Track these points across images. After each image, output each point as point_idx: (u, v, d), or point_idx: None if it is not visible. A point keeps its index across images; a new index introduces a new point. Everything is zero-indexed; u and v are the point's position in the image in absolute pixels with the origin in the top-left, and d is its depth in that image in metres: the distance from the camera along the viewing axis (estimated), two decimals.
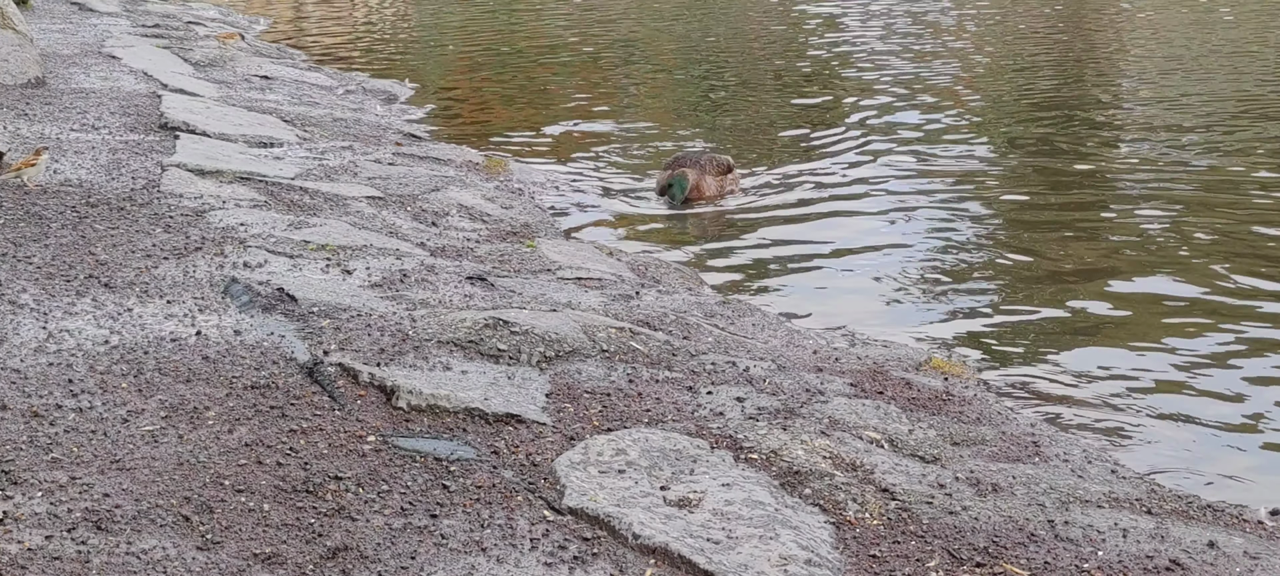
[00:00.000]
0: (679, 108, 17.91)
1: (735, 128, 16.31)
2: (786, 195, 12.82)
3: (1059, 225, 11.69)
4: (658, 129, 16.25)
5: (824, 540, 5.31)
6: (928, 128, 16.01)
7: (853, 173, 13.65)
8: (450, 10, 29.03)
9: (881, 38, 23.84)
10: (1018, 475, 6.28)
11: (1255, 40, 23.88)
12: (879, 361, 7.99)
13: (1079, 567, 5.39)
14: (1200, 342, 8.88)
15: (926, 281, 10.23)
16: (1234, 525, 6.16)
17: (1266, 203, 12.51)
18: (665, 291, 9.09)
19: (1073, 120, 16.49)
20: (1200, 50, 22.94)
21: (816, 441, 6.17)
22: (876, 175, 13.52)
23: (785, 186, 13.18)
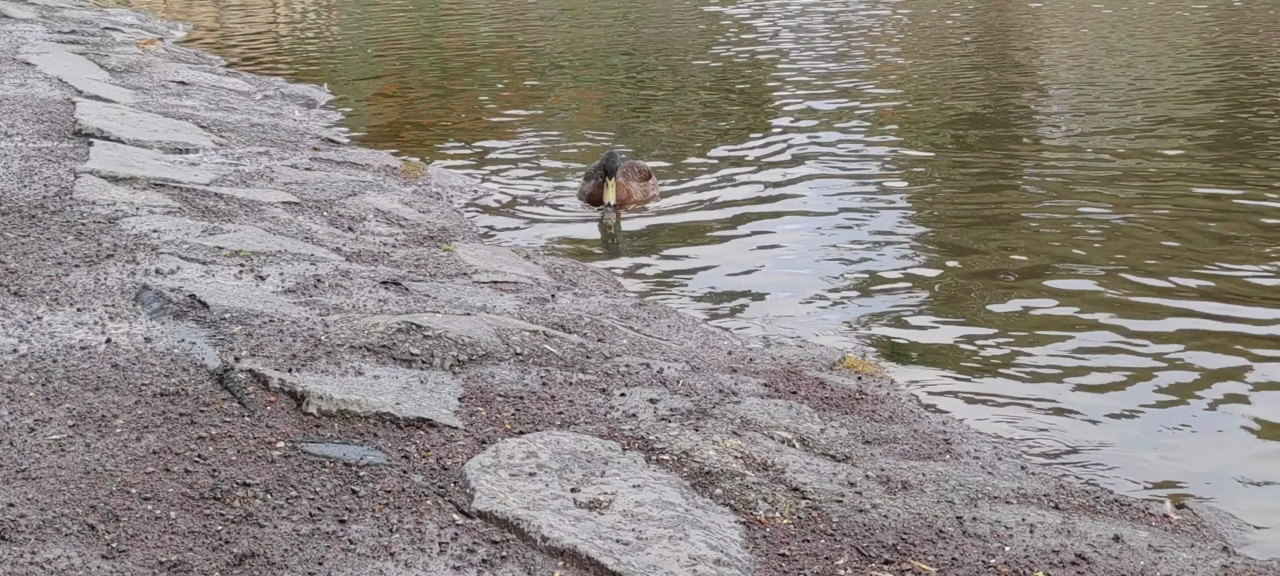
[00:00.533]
0: (601, 112, 17.91)
1: (657, 131, 16.33)
2: (706, 197, 12.85)
3: (976, 224, 11.78)
4: (579, 133, 16.26)
5: (734, 540, 5.34)
6: (847, 129, 16.09)
7: (772, 175, 13.70)
8: (373, 14, 28.92)
9: (799, 39, 23.94)
10: (928, 472, 6.34)
11: (1172, 29, 24.15)
12: (793, 361, 8.03)
13: (986, 563, 5.44)
14: (1111, 340, 8.98)
15: (843, 282, 10.29)
16: (1140, 519, 6.24)
17: (1182, 198, 12.67)
18: (581, 294, 9.10)
19: (990, 118, 16.62)
20: (1118, 42, 23.19)
21: (728, 441, 6.20)
22: (796, 177, 13.58)
23: (705, 189, 13.21)
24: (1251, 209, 12.32)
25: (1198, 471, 7.13)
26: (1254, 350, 8.72)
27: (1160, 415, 7.86)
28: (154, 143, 12.28)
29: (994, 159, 14.56)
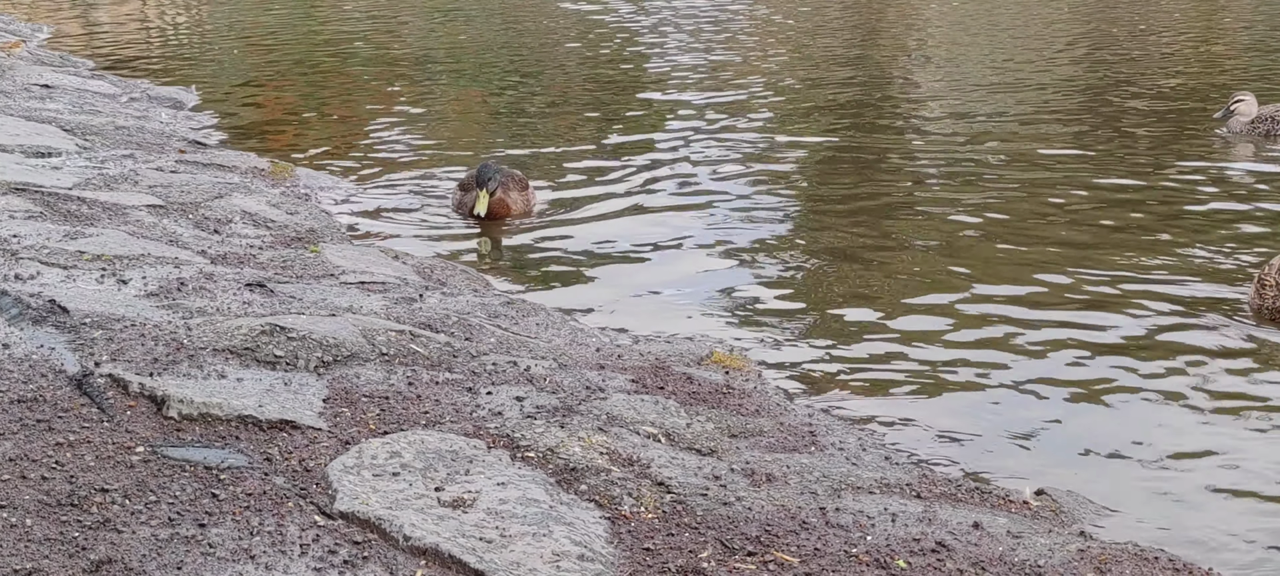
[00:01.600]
0: (478, 110, 17.87)
1: (533, 128, 16.31)
2: (580, 194, 12.87)
3: (848, 219, 11.90)
4: (454, 132, 16.20)
5: (598, 535, 5.35)
6: (721, 126, 16.17)
7: (647, 172, 13.73)
8: (246, 15, 28.61)
9: (675, 35, 24.02)
10: (793, 464, 6.39)
11: (1044, 24, 24.53)
12: (661, 357, 8.07)
13: (848, 553, 5.50)
14: (977, 332, 9.11)
15: (715, 277, 10.35)
16: (1000, 506, 6.34)
17: (1051, 191, 12.88)
18: (450, 293, 9.08)
19: (866, 116, 16.78)
20: (994, 36, 23.52)
21: (594, 438, 6.21)
22: (670, 174, 13.61)
23: (580, 186, 13.23)
24: (1117, 200, 12.55)
25: (1057, 459, 7.26)
26: (1112, 342, 8.88)
27: (1022, 405, 7.99)
28: (15, 147, 12.06)
29: (868, 153, 14.71)
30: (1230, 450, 7.28)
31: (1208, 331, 8.95)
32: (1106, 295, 9.74)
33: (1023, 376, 8.37)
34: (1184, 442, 7.40)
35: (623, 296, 9.89)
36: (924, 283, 10.08)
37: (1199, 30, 25.33)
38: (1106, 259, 10.54)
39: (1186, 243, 11.03)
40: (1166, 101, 17.74)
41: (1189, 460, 7.19)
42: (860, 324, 9.27)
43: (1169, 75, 20.05)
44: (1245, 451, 7.24)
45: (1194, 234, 11.35)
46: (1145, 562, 5.81)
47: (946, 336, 9.00)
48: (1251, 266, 10.15)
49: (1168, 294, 9.72)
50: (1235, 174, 13.70)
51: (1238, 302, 9.47)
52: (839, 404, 7.86)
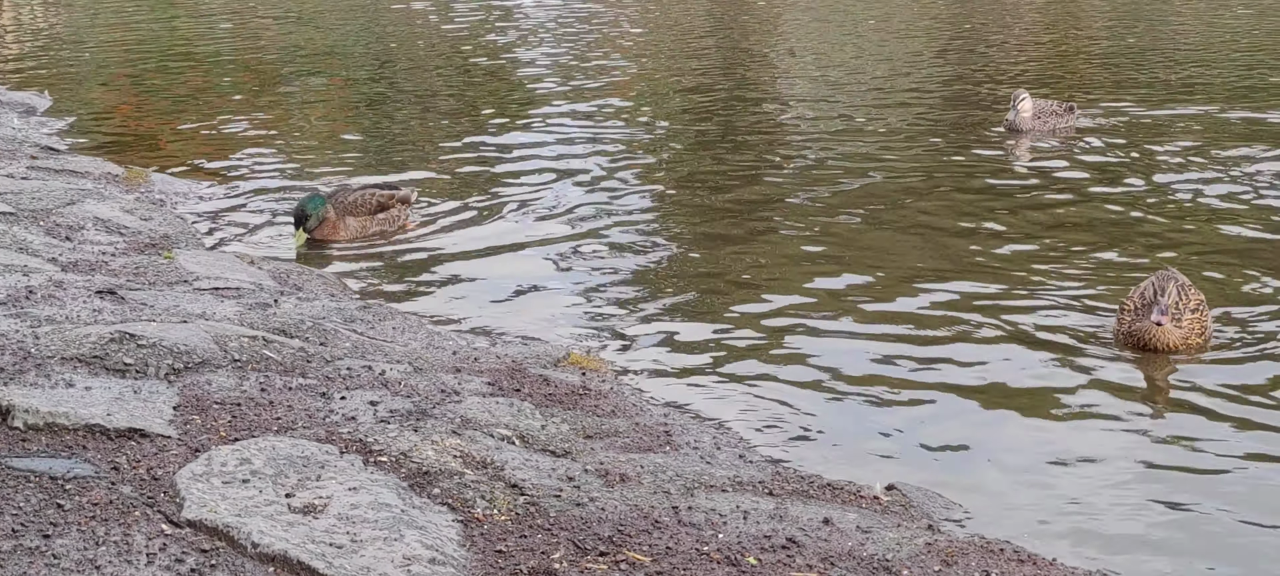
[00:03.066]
0: (341, 115, 17.73)
1: (396, 136, 16.21)
2: (442, 198, 12.82)
3: (710, 221, 11.99)
4: (317, 137, 16.08)
5: (451, 538, 5.35)
6: (585, 129, 16.19)
7: (511, 176, 13.72)
8: (102, 17, 28.15)
9: (543, 38, 24.01)
10: (647, 464, 6.44)
11: (904, 29, 24.83)
12: (518, 359, 8.08)
13: (699, 551, 5.55)
14: (836, 330, 9.22)
15: (576, 279, 10.37)
16: (851, 502, 6.43)
17: (914, 188, 13.04)
18: (306, 298, 9.02)
19: (728, 117, 16.87)
20: (855, 39, 23.77)
21: (448, 441, 6.21)
22: (533, 180, 13.59)
23: (441, 190, 13.19)
24: (979, 194, 12.75)
25: (910, 455, 7.39)
26: (968, 342, 9.00)
27: (878, 403, 8.10)
28: None
29: (730, 154, 14.81)
30: (1072, 448, 7.42)
31: (1061, 334, 9.09)
32: (965, 296, 9.88)
33: (879, 374, 8.48)
34: (1031, 441, 7.54)
35: (482, 299, 9.89)
36: (783, 283, 10.19)
37: (1062, 29, 25.79)
38: (967, 258, 10.68)
39: (1047, 240, 11.23)
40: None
41: (1035, 457, 7.32)
42: (719, 324, 9.35)
43: (1024, 69, 20.38)
44: (1086, 450, 7.38)
45: (1050, 231, 11.56)
46: (991, 554, 5.92)
47: (804, 335, 9.10)
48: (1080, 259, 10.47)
49: (1025, 297, 9.86)
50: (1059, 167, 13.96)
51: (1095, 305, 9.66)
52: (696, 403, 7.92)
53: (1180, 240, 11.22)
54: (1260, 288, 9.94)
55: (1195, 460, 7.26)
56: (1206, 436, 7.49)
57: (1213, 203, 12.44)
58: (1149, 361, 8.53)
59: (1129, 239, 11.22)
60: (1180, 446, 7.43)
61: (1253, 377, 8.27)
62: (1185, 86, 18.77)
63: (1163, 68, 20.59)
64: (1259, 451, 7.28)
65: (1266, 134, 15.37)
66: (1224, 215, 12.04)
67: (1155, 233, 11.48)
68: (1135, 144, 14.92)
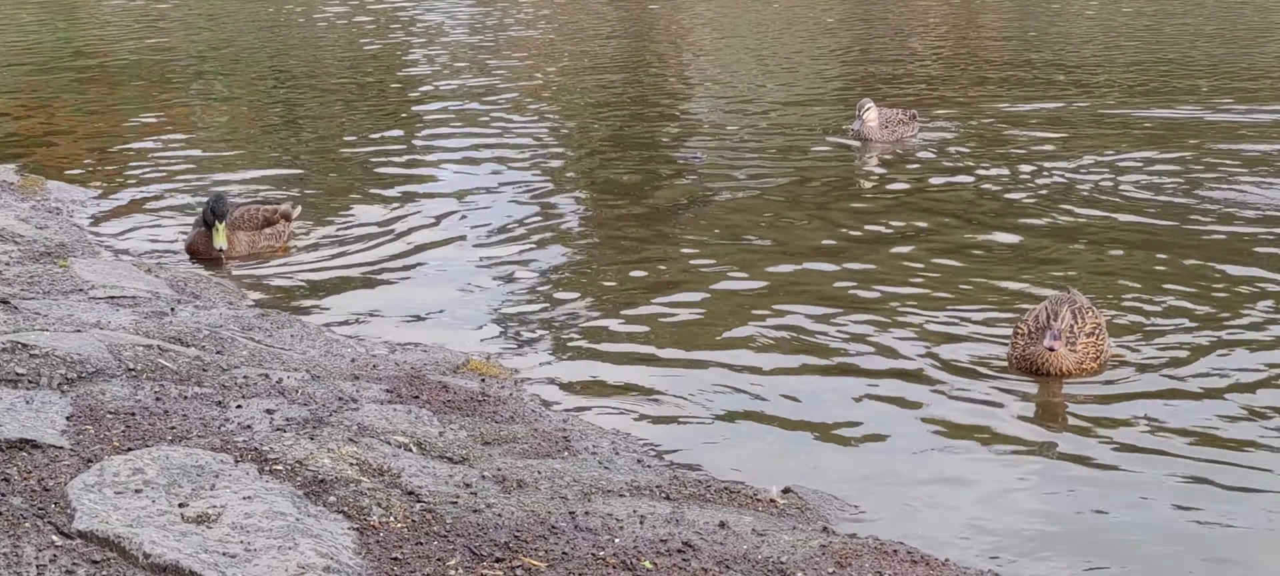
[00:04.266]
0: (246, 121, 17.59)
1: (300, 142, 16.10)
2: (347, 205, 12.76)
3: (611, 228, 12.01)
4: (215, 146, 15.94)
5: (346, 546, 5.34)
6: (491, 136, 16.14)
7: (415, 184, 13.66)
8: (1, 21, 27.77)
9: (448, 45, 23.94)
10: (544, 470, 6.45)
11: (810, 35, 24.96)
12: (417, 366, 8.07)
13: (595, 556, 5.58)
14: (736, 335, 9.27)
15: (476, 288, 10.36)
16: (747, 505, 6.48)
17: (818, 192, 13.11)
18: (203, 306, 8.96)
19: (633, 128, 16.86)
20: (760, 45, 23.88)
21: (344, 449, 6.19)
22: (438, 186, 13.53)
23: (346, 196, 13.13)
24: (880, 198, 12.87)
25: (808, 459, 7.44)
26: (862, 351, 9.06)
27: (777, 407, 8.16)
28: None
29: (634, 165, 14.83)
30: (967, 456, 7.50)
31: (958, 346, 9.14)
32: (865, 305, 9.94)
33: (779, 381, 8.53)
34: (927, 448, 7.60)
35: (383, 307, 9.86)
36: (684, 290, 10.23)
37: (960, 30, 26.04)
38: (866, 269, 10.70)
39: (948, 249, 11.33)
40: (924, 93, 18.15)
41: (930, 463, 7.39)
42: (620, 329, 9.38)
43: (927, 70, 20.56)
44: (979, 458, 7.46)
45: (948, 237, 11.69)
46: (884, 555, 5.99)
47: (705, 340, 9.14)
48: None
49: (923, 307, 9.92)
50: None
51: (991, 321, 9.76)
52: (595, 409, 7.95)
53: (1068, 257, 11.30)
54: (1156, 303, 10.03)
55: (1084, 472, 7.34)
56: (1096, 451, 7.57)
57: (1097, 213, 12.52)
58: (1043, 379, 8.50)
59: (1021, 259, 11.21)
60: (1070, 459, 7.51)
61: (1142, 395, 8.30)
62: (1079, 86, 18.98)
63: (1057, 70, 20.82)
64: (1145, 464, 7.36)
65: (1158, 138, 15.59)
66: (1108, 228, 12.16)
67: (1043, 248, 11.53)
68: (1011, 155, 14.98)
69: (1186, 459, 7.40)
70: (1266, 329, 9.34)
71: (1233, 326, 9.38)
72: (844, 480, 7.12)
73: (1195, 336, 9.21)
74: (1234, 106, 17.51)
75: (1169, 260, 10.91)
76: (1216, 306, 9.82)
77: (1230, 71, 20.82)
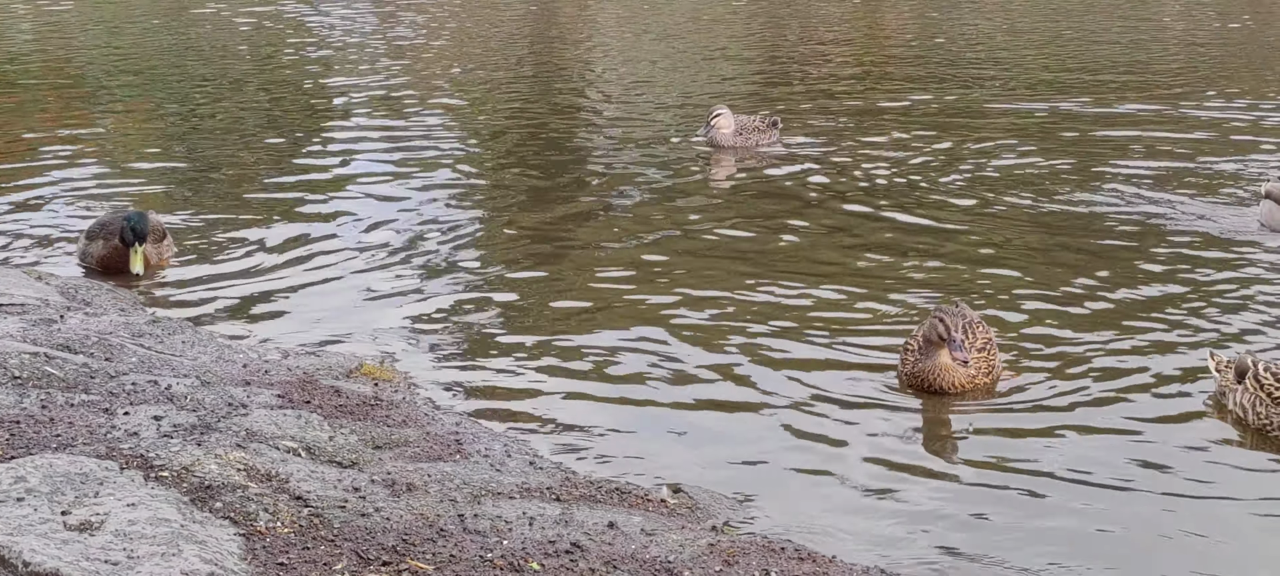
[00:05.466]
0: (143, 126, 17.37)
1: (201, 148, 15.91)
2: (247, 210, 12.65)
3: (509, 236, 11.97)
4: (115, 150, 15.75)
5: (231, 552, 5.32)
6: (397, 140, 16.05)
7: (317, 189, 13.53)
8: None
9: (350, 50, 23.79)
10: (435, 473, 6.46)
11: (711, 22, 25.03)
12: (310, 371, 8.04)
13: (483, 558, 5.60)
14: (631, 337, 9.30)
15: (373, 293, 10.31)
16: (637, 505, 6.53)
17: (710, 210, 13.14)
18: (94, 314, 8.88)
19: (536, 136, 16.81)
20: (667, 37, 23.93)
21: (232, 454, 6.17)
22: (338, 196, 13.37)
23: (246, 201, 13.03)
24: (789, 200, 12.94)
25: (700, 459, 7.49)
26: (751, 352, 9.09)
27: (670, 408, 8.20)
28: None
29: (534, 172, 14.82)
30: (856, 458, 7.56)
31: (848, 349, 9.19)
32: (758, 306, 10.00)
33: (673, 384, 8.58)
34: (817, 451, 7.64)
35: (278, 312, 9.81)
36: (581, 295, 10.26)
37: (863, 31, 26.21)
38: (762, 274, 10.73)
39: (850, 257, 11.38)
40: (839, 96, 18.24)
41: (820, 466, 7.44)
42: (516, 334, 9.39)
43: (836, 70, 20.68)
44: (869, 460, 7.52)
45: (849, 242, 11.79)
46: (772, 553, 6.06)
47: (601, 346, 9.16)
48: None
49: (810, 312, 9.97)
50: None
51: (886, 314, 9.84)
52: (489, 412, 7.96)
53: (949, 264, 11.25)
54: (1039, 310, 10.15)
55: (971, 473, 7.43)
56: (982, 454, 7.65)
57: (979, 219, 12.61)
58: (936, 396, 8.39)
59: (902, 266, 11.17)
60: (957, 462, 7.61)
61: (1030, 406, 8.36)
62: (970, 83, 19.18)
63: (952, 67, 21.01)
64: (1031, 467, 7.44)
65: (1040, 136, 15.80)
66: (989, 233, 12.24)
67: (922, 250, 11.59)
68: (887, 157, 15.05)
69: (1073, 462, 7.48)
70: (1149, 334, 9.42)
71: (1118, 331, 9.47)
72: (735, 480, 7.18)
73: (1078, 338, 9.34)
74: (1125, 105, 17.76)
75: (1047, 267, 10.97)
76: (1102, 312, 9.94)
77: (1126, 69, 21.11)
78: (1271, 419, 7.78)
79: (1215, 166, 14.39)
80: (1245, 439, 7.89)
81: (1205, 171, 14.19)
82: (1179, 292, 10.31)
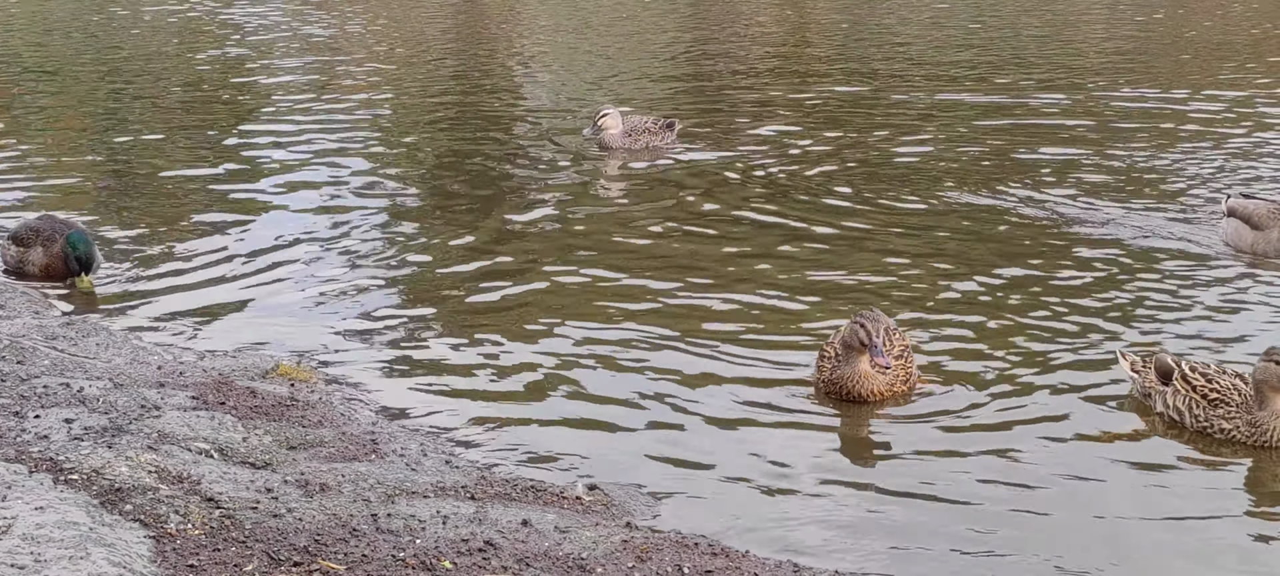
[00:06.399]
0: (70, 125, 17.18)
1: (125, 148, 15.76)
2: (169, 210, 12.55)
3: (427, 236, 11.91)
4: (38, 149, 15.56)
5: (141, 555, 5.31)
6: (321, 141, 15.91)
7: (239, 197, 13.35)
8: None
9: (276, 48, 23.63)
10: (349, 473, 6.46)
11: (638, 21, 25.03)
12: (226, 372, 8.01)
13: (395, 557, 5.61)
14: (550, 335, 9.28)
15: (292, 294, 10.24)
16: (553, 503, 6.55)
17: (654, 192, 13.12)
18: (6, 316, 8.82)
19: (469, 127, 16.73)
20: (589, 34, 23.92)
21: (143, 457, 6.15)
22: (261, 198, 13.21)
23: (169, 202, 12.93)
24: (724, 201, 12.93)
25: (616, 458, 7.49)
26: (667, 352, 9.05)
27: (586, 409, 8.18)
28: None
29: (455, 173, 14.75)
30: (763, 453, 7.57)
31: (762, 349, 9.18)
32: (675, 308, 9.96)
33: (591, 382, 8.57)
34: (732, 450, 7.63)
35: (195, 313, 9.72)
36: (500, 294, 10.21)
37: (790, 26, 26.27)
38: (687, 273, 10.71)
39: (757, 259, 11.35)
40: (763, 88, 18.27)
41: (736, 465, 7.43)
42: (435, 335, 9.37)
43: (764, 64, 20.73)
44: (783, 460, 7.51)
45: (750, 243, 11.81)
46: (685, 549, 6.10)
47: (520, 345, 9.14)
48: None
49: (727, 314, 9.93)
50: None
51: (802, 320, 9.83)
52: (407, 411, 7.94)
53: (858, 266, 11.24)
54: (954, 313, 10.10)
55: (884, 470, 7.48)
56: (892, 449, 7.73)
57: (886, 219, 12.57)
58: (853, 404, 8.29)
59: (813, 265, 11.09)
60: (871, 459, 7.69)
61: (939, 410, 8.34)
62: (893, 75, 19.23)
63: (877, 60, 21.07)
64: (942, 465, 7.48)
65: (957, 127, 15.87)
66: (897, 235, 12.07)
67: (831, 250, 11.51)
68: (797, 156, 15.06)
69: (981, 461, 7.53)
70: (1066, 335, 9.39)
71: (1033, 332, 9.43)
72: (651, 478, 7.19)
73: (993, 339, 9.36)
74: (1044, 98, 17.84)
75: (961, 267, 10.93)
76: (1017, 311, 9.91)
77: (1046, 63, 21.25)
78: (1211, 420, 7.77)
79: (1132, 160, 14.44)
80: (1170, 435, 7.87)
81: (1120, 165, 14.24)
82: (1097, 290, 10.29)
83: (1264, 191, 12.41)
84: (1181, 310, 9.93)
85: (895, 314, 9.52)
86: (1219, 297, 10.17)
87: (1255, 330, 9.48)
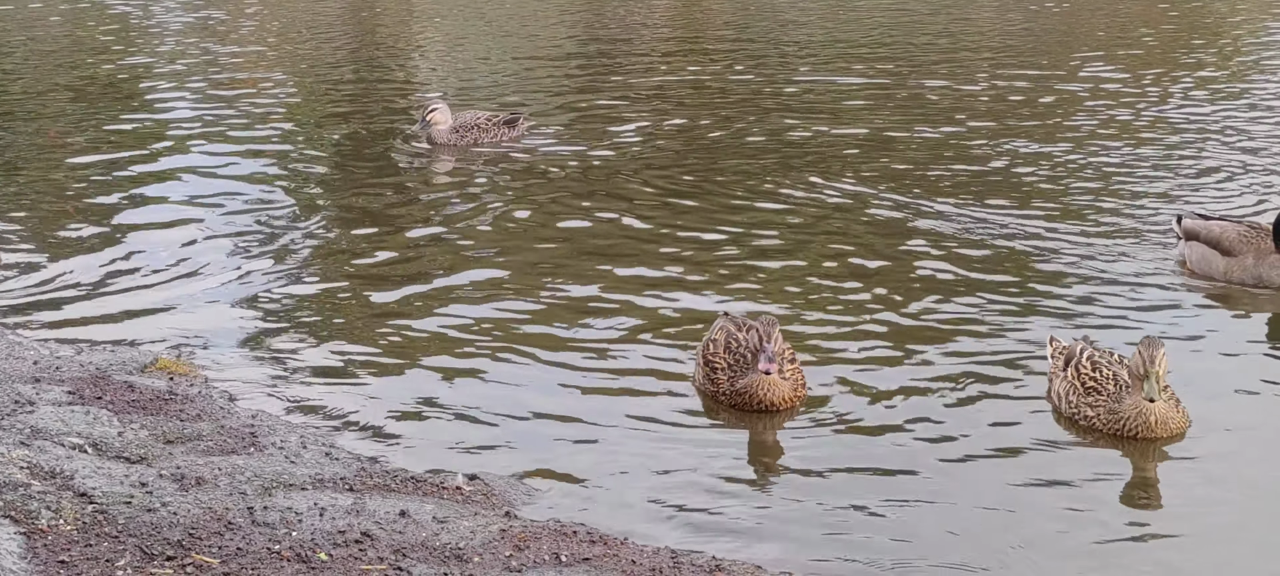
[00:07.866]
0: None
1: (10, 149, 15.52)
2: (49, 216, 12.35)
3: (319, 231, 11.78)
4: None
5: (11, 551, 5.26)
6: (223, 134, 15.72)
7: (126, 193, 13.12)
8: None
9: (182, 43, 23.31)
10: (226, 466, 6.43)
11: (544, 32, 24.98)
12: (103, 366, 7.93)
13: (270, 550, 5.59)
14: (431, 334, 9.23)
15: (175, 288, 10.11)
16: (432, 493, 6.55)
17: (562, 190, 13.06)
18: None
19: (366, 120, 16.59)
20: (487, 30, 23.83)
21: (15, 453, 6.09)
22: (148, 194, 12.99)
23: (57, 195, 12.75)
24: (625, 203, 12.93)
25: (497, 449, 7.50)
26: (551, 344, 9.02)
27: (468, 401, 8.15)
28: None
29: (351, 166, 14.60)
30: (651, 445, 7.60)
31: (647, 343, 9.17)
32: (558, 302, 9.93)
33: (472, 373, 8.57)
34: (615, 441, 7.65)
35: (73, 307, 9.59)
36: (389, 286, 10.16)
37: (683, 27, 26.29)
38: (564, 264, 10.71)
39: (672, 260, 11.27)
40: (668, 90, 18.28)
41: (618, 455, 7.47)
42: (318, 328, 9.33)
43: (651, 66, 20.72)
44: (667, 449, 7.55)
45: (634, 239, 11.82)
46: (564, 537, 6.13)
47: (405, 337, 9.12)
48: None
49: (618, 307, 9.90)
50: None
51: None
52: (287, 405, 7.89)
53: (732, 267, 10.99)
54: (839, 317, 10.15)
55: (769, 460, 7.54)
56: (778, 443, 7.76)
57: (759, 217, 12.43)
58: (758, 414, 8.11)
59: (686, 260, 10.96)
60: (753, 448, 7.73)
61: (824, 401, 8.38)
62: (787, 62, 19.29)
63: (769, 46, 21.13)
64: (827, 458, 7.51)
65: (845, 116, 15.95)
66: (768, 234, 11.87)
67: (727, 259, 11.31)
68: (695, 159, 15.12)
69: (871, 454, 7.60)
70: (955, 341, 9.25)
71: (919, 334, 9.40)
72: (532, 468, 7.20)
73: (874, 334, 9.42)
74: (934, 81, 17.96)
75: (837, 262, 10.90)
76: (893, 303, 9.94)
77: (938, 48, 21.42)
78: (1080, 408, 7.83)
79: (1022, 148, 14.51)
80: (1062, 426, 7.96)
81: (1010, 151, 14.34)
82: (992, 281, 10.32)
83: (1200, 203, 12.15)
84: (1093, 305, 9.94)
85: (764, 309, 9.47)
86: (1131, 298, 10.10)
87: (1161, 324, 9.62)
